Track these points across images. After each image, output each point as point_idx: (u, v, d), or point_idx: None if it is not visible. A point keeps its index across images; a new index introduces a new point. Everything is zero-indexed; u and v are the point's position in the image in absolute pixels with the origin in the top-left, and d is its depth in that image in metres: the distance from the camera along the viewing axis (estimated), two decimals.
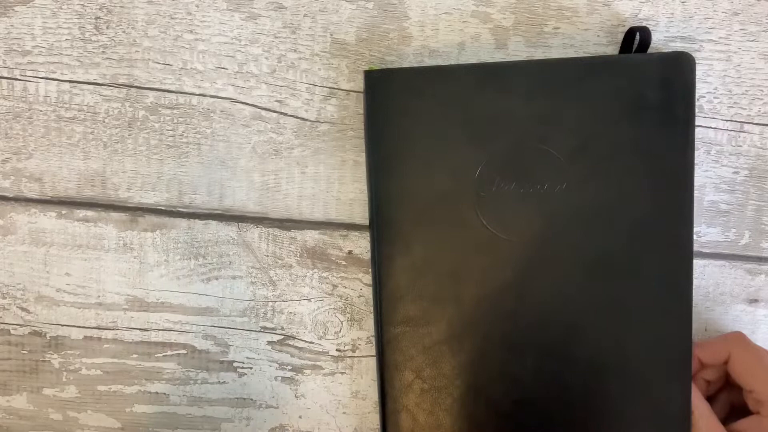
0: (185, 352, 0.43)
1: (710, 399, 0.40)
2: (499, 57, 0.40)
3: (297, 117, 0.41)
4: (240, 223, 0.42)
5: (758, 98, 0.40)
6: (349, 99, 0.41)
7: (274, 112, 0.41)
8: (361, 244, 0.42)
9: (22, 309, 0.43)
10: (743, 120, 0.41)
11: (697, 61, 0.36)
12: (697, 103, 0.40)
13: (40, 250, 0.42)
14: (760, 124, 0.41)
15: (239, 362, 0.43)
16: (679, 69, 0.36)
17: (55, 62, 0.41)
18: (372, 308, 0.42)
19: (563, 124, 0.36)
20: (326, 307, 0.42)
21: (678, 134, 0.36)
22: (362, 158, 0.41)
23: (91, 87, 0.41)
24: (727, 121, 0.41)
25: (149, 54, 0.40)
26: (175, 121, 0.41)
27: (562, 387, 0.38)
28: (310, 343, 0.43)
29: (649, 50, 0.38)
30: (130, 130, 0.41)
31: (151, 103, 0.41)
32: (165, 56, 0.40)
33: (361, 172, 0.41)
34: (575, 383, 0.36)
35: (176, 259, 0.42)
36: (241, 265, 0.42)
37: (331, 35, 0.40)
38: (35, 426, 0.44)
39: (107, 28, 0.40)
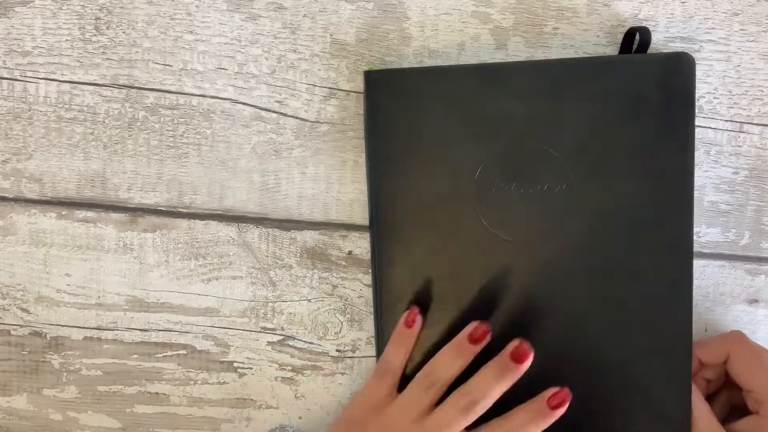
0: (185, 352, 0.43)
1: (710, 398, 0.40)
2: (499, 57, 0.40)
3: (297, 117, 0.41)
4: (240, 224, 0.42)
5: (758, 98, 0.40)
6: (349, 99, 0.41)
7: (274, 112, 0.41)
8: (361, 245, 0.42)
9: (23, 309, 0.43)
10: (743, 120, 0.41)
11: (696, 62, 0.36)
12: (696, 104, 0.40)
13: (40, 251, 0.42)
14: (760, 125, 0.41)
15: (239, 363, 0.43)
16: (679, 69, 0.36)
17: (55, 63, 0.41)
18: (372, 309, 0.42)
19: (563, 125, 0.36)
20: (326, 308, 0.42)
21: (678, 134, 0.36)
22: (362, 159, 0.41)
23: (91, 88, 0.41)
24: (726, 121, 0.41)
25: (149, 55, 0.40)
26: (176, 121, 0.41)
27: (562, 386, 0.38)
28: (310, 343, 0.43)
29: (649, 51, 0.38)
30: (130, 131, 0.41)
31: (151, 103, 0.41)
32: (165, 57, 0.40)
33: (361, 173, 0.41)
34: (575, 383, 0.36)
35: (176, 259, 0.42)
36: (241, 266, 0.42)
37: (331, 36, 0.40)
38: (35, 426, 0.44)
39: (107, 28, 0.40)
